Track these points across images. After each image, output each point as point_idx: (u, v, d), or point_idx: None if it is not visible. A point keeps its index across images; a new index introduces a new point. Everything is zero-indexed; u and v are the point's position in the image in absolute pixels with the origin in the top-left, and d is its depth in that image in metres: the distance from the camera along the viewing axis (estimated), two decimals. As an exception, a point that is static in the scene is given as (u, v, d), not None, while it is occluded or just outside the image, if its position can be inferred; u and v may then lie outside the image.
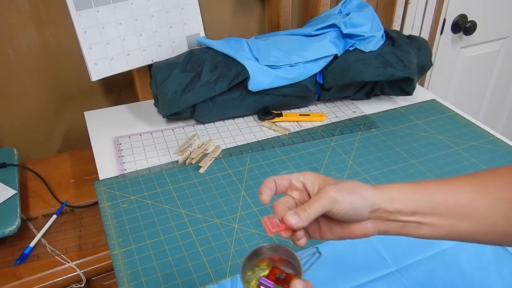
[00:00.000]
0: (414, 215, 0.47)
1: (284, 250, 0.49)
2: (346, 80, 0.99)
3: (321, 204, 0.45)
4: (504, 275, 0.65)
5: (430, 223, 0.47)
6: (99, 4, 0.92)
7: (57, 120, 1.14)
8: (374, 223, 0.48)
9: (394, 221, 0.47)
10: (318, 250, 0.53)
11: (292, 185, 0.50)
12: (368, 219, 0.48)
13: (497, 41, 1.62)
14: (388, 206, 0.47)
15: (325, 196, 0.46)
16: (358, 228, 0.48)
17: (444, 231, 0.47)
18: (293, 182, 0.50)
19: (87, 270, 0.84)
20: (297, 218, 0.45)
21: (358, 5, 1.07)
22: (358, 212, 0.46)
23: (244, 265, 0.48)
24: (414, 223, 0.47)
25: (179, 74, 0.92)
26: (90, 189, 0.99)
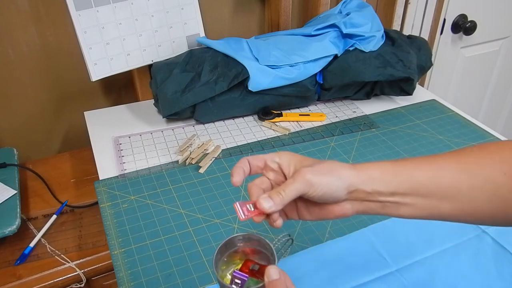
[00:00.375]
0: (393, 195, 0.45)
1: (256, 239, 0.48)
2: (346, 80, 0.99)
3: (296, 188, 0.44)
4: (504, 275, 0.65)
5: (410, 204, 0.45)
6: (99, 4, 0.92)
7: (57, 120, 1.14)
8: (353, 203, 0.47)
9: (373, 202, 0.46)
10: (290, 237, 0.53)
11: (267, 166, 0.49)
12: (346, 200, 0.46)
13: (497, 41, 1.62)
14: (366, 187, 0.45)
15: (301, 178, 0.44)
16: (336, 209, 0.47)
17: (425, 212, 0.46)
18: (268, 163, 0.49)
19: (87, 270, 0.84)
20: (271, 202, 0.44)
21: (358, 5, 1.07)
22: (335, 194, 0.45)
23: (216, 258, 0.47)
24: (393, 203, 0.46)
25: (179, 74, 0.92)
26: (90, 189, 0.99)
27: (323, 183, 0.44)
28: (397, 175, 0.46)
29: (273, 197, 0.44)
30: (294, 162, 0.47)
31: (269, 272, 0.42)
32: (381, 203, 0.46)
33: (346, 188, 0.45)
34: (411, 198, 0.45)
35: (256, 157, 0.49)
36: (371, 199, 0.46)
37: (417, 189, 0.45)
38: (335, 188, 0.45)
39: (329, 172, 0.45)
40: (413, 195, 0.45)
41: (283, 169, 0.48)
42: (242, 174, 0.48)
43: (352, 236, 0.71)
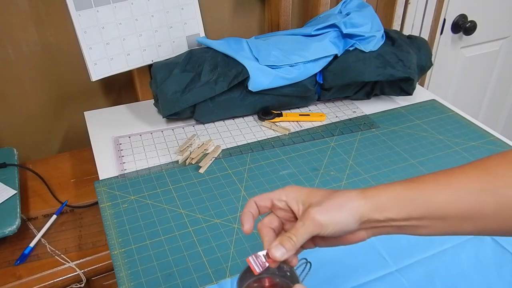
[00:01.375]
0: (408, 220, 0.44)
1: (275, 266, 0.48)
2: (346, 80, 0.99)
3: (307, 231, 0.44)
4: (504, 275, 0.65)
5: (428, 226, 0.44)
6: (99, 4, 0.92)
7: (57, 120, 1.14)
8: (367, 231, 0.46)
9: (388, 227, 0.45)
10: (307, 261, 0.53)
11: (275, 205, 0.48)
12: (360, 229, 0.46)
13: (497, 41, 1.62)
14: (378, 215, 0.44)
15: (310, 222, 0.44)
16: (351, 238, 0.46)
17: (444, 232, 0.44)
18: (275, 202, 0.48)
19: (87, 270, 0.84)
20: (283, 249, 0.44)
21: (358, 5, 1.07)
22: (347, 229, 0.44)
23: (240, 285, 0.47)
24: (409, 226, 0.44)
25: (179, 74, 0.92)
26: (90, 189, 0.99)
27: (333, 222, 0.44)
28: (410, 201, 0.44)
29: (285, 244, 0.44)
30: (301, 199, 0.47)
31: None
32: (396, 227, 0.45)
33: (358, 220, 0.44)
34: (428, 221, 0.44)
35: (262, 197, 0.49)
36: (385, 225, 0.45)
37: (434, 213, 0.43)
38: (346, 224, 0.44)
39: (338, 208, 0.44)
40: (429, 218, 0.43)
41: (291, 207, 0.47)
42: (251, 220, 0.48)
43: (352, 236, 0.71)
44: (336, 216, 0.44)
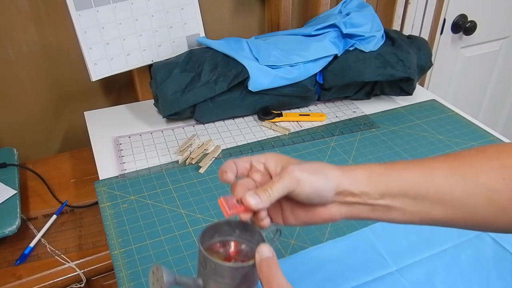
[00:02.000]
0: (383, 197, 0.43)
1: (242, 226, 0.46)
2: (346, 80, 0.99)
3: (283, 185, 0.43)
4: (504, 275, 0.65)
5: (400, 208, 0.44)
6: (99, 4, 0.92)
7: (57, 120, 1.14)
8: (340, 206, 0.45)
9: (362, 204, 0.44)
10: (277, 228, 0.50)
11: (253, 167, 0.47)
12: (334, 202, 0.45)
13: (497, 41, 1.62)
14: (353, 188, 0.44)
15: (288, 176, 0.43)
16: (323, 212, 0.45)
17: (416, 217, 0.44)
18: (254, 163, 0.47)
19: (87, 270, 0.84)
20: (258, 198, 0.42)
21: (358, 5, 1.07)
22: (322, 194, 0.43)
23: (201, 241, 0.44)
24: (383, 207, 0.44)
25: (179, 74, 0.92)
26: (90, 189, 0.99)
27: (310, 181, 0.43)
28: (385, 177, 0.44)
29: (260, 194, 0.42)
30: (281, 163, 0.46)
31: (262, 249, 0.41)
32: (370, 206, 0.44)
33: (334, 188, 0.44)
34: (401, 201, 0.43)
35: (242, 158, 0.48)
36: (360, 201, 0.44)
37: (407, 192, 0.43)
38: (323, 187, 0.43)
39: (316, 171, 0.44)
40: (403, 197, 0.43)
41: (269, 169, 0.46)
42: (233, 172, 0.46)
43: (352, 236, 0.71)
44: (314, 176, 0.43)
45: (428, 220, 0.44)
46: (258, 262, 0.40)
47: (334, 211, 0.45)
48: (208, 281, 0.42)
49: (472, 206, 0.42)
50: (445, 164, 0.44)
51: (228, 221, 0.46)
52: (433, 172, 0.43)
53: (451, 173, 0.43)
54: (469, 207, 0.42)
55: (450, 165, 0.43)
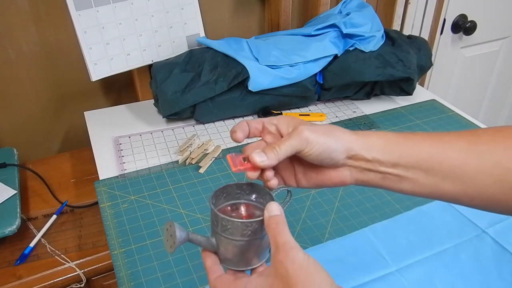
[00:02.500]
0: (395, 167, 0.43)
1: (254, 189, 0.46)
2: (346, 80, 0.99)
3: (291, 144, 0.42)
4: (504, 275, 0.65)
5: (411, 178, 0.43)
6: (99, 4, 0.92)
7: (57, 120, 1.14)
8: (351, 171, 0.45)
9: (373, 171, 0.44)
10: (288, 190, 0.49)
11: (266, 129, 0.47)
12: (345, 166, 0.45)
13: (497, 41, 1.62)
14: (366, 153, 0.43)
15: (297, 135, 0.42)
16: (334, 175, 0.45)
17: (426, 189, 0.44)
18: (266, 125, 0.47)
19: (87, 270, 0.84)
20: (264, 156, 0.42)
21: (358, 5, 1.07)
22: (333, 155, 0.43)
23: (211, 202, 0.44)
24: (394, 176, 0.44)
25: (179, 74, 0.92)
26: (90, 189, 0.99)
27: (320, 142, 0.42)
28: (400, 146, 0.44)
29: (267, 152, 0.42)
30: (293, 124, 0.45)
31: (270, 207, 0.41)
32: (381, 174, 0.44)
33: (345, 151, 0.43)
34: (413, 172, 0.43)
35: (254, 120, 0.48)
36: (371, 168, 0.44)
37: (420, 163, 0.43)
38: (334, 148, 0.43)
39: (327, 132, 0.44)
40: (415, 169, 0.43)
41: (281, 131, 0.46)
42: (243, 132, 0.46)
43: (352, 236, 0.71)
44: (324, 138, 0.43)
45: (437, 193, 0.44)
46: (267, 219, 0.40)
47: (345, 175, 0.45)
48: (221, 238, 0.42)
49: (483, 183, 0.42)
50: (462, 140, 0.43)
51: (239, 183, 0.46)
52: (448, 147, 0.43)
53: (467, 150, 0.42)
54: (480, 185, 0.42)
55: (467, 142, 0.43)
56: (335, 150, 0.43)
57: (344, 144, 0.44)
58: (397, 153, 0.43)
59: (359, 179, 0.46)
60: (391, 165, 0.43)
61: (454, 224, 0.73)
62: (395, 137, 0.44)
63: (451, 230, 0.72)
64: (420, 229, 0.72)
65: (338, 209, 0.76)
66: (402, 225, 0.73)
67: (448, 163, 0.42)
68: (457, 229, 0.72)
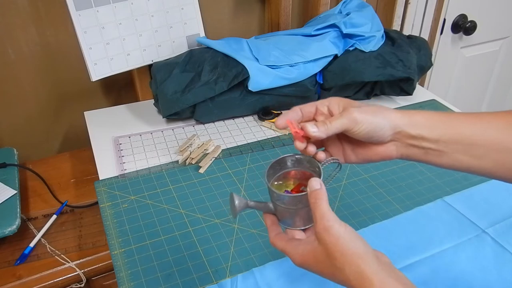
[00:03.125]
0: (437, 142, 0.47)
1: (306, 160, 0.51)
2: (346, 80, 0.99)
3: (342, 122, 0.47)
4: (504, 275, 0.65)
5: (452, 154, 0.47)
6: (99, 4, 0.92)
7: (57, 120, 1.14)
8: (397, 146, 0.49)
9: (417, 147, 0.48)
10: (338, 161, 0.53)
11: (318, 110, 0.51)
12: (391, 141, 0.49)
13: (497, 41, 1.62)
14: (411, 130, 0.47)
15: (347, 115, 0.47)
16: (381, 150, 0.49)
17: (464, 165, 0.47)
18: (319, 107, 0.50)
19: (87, 270, 0.84)
20: (315, 128, 0.47)
21: (358, 5, 1.07)
22: (380, 133, 0.47)
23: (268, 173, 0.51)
24: (436, 151, 0.47)
25: (179, 74, 0.92)
26: (90, 189, 0.99)
27: (368, 121, 0.46)
28: (443, 124, 0.47)
29: (319, 125, 0.47)
30: (343, 104, 0.49)
31: (311, 183, 0.45)
32: (424, 149, 0.48)
33: (392, 128, 0.47)
34: (453, 148, 0.46)
35: (308, 104, 0.51)
36: (415, 144, 0.48)
37: (461, 140, 0.46)
38: (381, 126, 0.47)
39: (375, 112, 0.47)
40: (456, 145, 0.46)
41: (332, 111, 0.50)
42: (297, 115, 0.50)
43: (352, 236, 0.71)
44: (372, 117, 0.47)
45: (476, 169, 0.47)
46: (309, 194, 0.45)
47: (391, 150, 0.49)
48: (276, 204, 0.50)
49: None
50: (503, 120, 0.46)
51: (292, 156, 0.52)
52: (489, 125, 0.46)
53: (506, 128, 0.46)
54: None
55: (506, 121, 0.46)
56: (382, 128, 0.47)
57: (390, 121, 0.47)
58: (439, 130, 0.47)
59: (404, 154, 0.49)
60: (434, 141, 0.47)
61: (454, 224, 0.73)
62: (439, 116, 0.48)
63: (451, 230, 0.72)
64: (420, 229, 0.72)
65: (338, 209, 0.76)
66: (402, 225, 0.73)
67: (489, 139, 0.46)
68: (457, 229, 0.72)
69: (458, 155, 0.47)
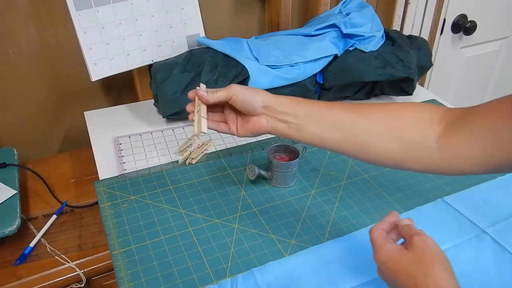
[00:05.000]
0: (296, 117, 0.60)
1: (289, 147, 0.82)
2: (346, 80, 0.99)
3: (224, 90, 0.62)
4: (504, 275, 0.65)
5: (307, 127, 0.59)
6: (99, 4, 0.92)
7: (57, 120, 1.14)
8: (267, 119, 0.62)
9: (282, 121, 0.61)
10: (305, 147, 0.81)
11: None
12: (263, 114, 0.62)
13: (497, 41, 1.62)
14: (277, 106, 0.61)
15: (230, 87, 0.62)
16: (256, 121, 0.62)
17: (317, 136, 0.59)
18: None
19: (87, 270, 0.84)
20: (205, 93, 0.63)
21: (358, 5, 1.07)
22: (252, 103, 0.61)
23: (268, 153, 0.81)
24: (295, 125, 0.60)
25: (179, 74, 0.92)
26: (90, 189, 0.99)
27: (243, 93, 0.62)
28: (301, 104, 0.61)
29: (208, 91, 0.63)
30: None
31: None
32: (287, 124, 0.61)
33: (262, 102, 0.62)
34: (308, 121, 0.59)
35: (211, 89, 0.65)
36: (280, 118, 0.61)
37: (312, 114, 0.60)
38: (254, 98, 0.62)
39: (250, 89, 0.63)
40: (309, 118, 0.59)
41: None
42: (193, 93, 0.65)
43: (352, 236, 0.71)
44: (247, 91, 0.62)
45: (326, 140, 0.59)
46: None
47: (263, 122, 0.62)
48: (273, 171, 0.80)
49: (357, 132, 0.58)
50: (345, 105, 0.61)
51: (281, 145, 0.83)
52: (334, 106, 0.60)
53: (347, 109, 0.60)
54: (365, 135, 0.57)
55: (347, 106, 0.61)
56: (253, 98, 0.62)
57: (261, 96, 0.62)
58: (298, 107, 0.61)
59: (273, 126, 0.62)
60: (294, 116, 0.60)
61: (454, 224, 0.73)
62: (301, 99, 0.62)
63: (451, 230, 0.72)
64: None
65: (338, 209, 0.76)
66: (402, 225, 0.73)
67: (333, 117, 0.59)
68: (457, 229, 0.72)
69: (311, 127, 0.59)
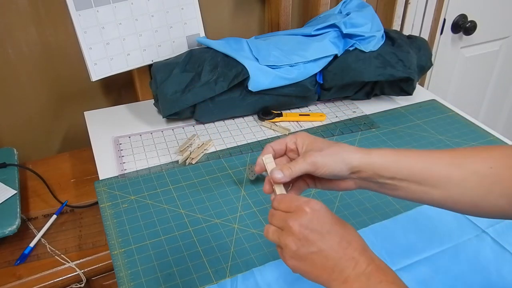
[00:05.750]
0: (392, 179, 0.53)
1: None
2: (346, 80, 0.99)
3: (302, 167, 0.53)
4: (504, 275, 0.65)
5: (405, 188, 0.53)
6: (99, 4, 0.92)
7: (57, 120, 1.14)
8: (355, 181, 0.55)
9: (373, 182, 0.54)
10: None
11: (288, 148, 0.57)
12: (350, 178, 0.55)
13: (497, 41, 1.62)
14: (368, 170, 0.53)
15: (308, 160, 0.53)
16: (342, 183, 0.56)
17: (416, 196, 0.53)
18: (288, 144, 0.57)
19: (87, 270, 0.84)
20: (281, 174, 0.53)
21: (358, 5, 1.07)
22: (339, 174, 0.54)
23: None
24: (391, 185, 0.53)
25: (179, 74, 0.92)
26: (90, 189, 0.99)
27: (327, 166, 0.53)
28: (396, 163, 0.53)
29: (284, 170, 0.53)
30: (307, 142, 0.56)
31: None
32: (379, 184, 0.54)
33: (349, 169, 0.54)
34: (407, 183, 0.53)
35: (278, 141, 0.57)
36: (371, 179, 0.54)
37: (413, 177, 0.52)
38: (339, 170, 0.53)
39: (335, 154, 0.53)
40: (409, 181, 0.52)
41: (298, 149, 0.56)
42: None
43: (352, 236, 0.71)
44: (331, 161, 0.53)
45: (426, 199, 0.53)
46: None
47: (350, 184, 0.56)
48: None
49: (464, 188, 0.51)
50: (446, 155, 0.53)
51: None
52: (436, 162, 0.53)
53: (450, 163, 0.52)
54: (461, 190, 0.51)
55: (450, 156, 0.53)
56: (340, 170, 0.53)
57: (348, 163, 0.53)
58: (394, 169, 0.53)
59: (362, 186, 0.56)
60: (389, 178, 0.53)
61: (454, 224, 0.73)
62: (394, 156, 0.54)
63: (451, 230, 0.72)
64: (420, 229, 0.72)
65: (338, 209, 0.76)
66: (402, 225, 0.73)
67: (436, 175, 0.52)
68: (457, 229, 0.72)
69: (410, 188, 0.53)
